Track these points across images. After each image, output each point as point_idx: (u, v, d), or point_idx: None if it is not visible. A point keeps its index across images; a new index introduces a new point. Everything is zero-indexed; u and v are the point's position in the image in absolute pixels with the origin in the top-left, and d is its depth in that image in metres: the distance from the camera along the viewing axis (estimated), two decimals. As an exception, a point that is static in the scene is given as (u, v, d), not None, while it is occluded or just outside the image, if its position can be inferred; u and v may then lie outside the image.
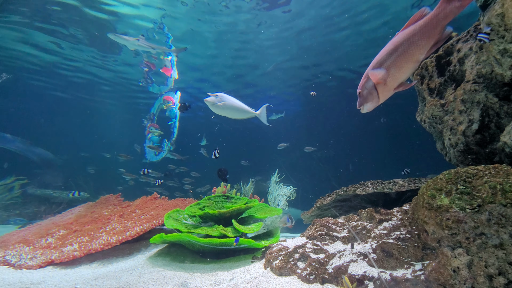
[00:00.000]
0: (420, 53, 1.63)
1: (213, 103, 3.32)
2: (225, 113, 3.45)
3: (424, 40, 1.59)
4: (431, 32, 1.57)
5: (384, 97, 1.80)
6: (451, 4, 1.53)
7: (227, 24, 8.96)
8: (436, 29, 1.57)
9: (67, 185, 11.67)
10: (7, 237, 4.06)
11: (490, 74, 2.11)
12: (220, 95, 3.33)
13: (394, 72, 1.68)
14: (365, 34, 9.78)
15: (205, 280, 2.40)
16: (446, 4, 1.54)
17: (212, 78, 13.55)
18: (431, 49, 1.63)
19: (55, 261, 3.05)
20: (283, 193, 6.53)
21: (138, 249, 3.45)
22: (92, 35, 9.36)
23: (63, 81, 14.14)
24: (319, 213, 3.78)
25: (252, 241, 2.97)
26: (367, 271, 1.99)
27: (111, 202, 4.84)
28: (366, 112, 1.90)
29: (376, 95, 1.78)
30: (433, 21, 1.57)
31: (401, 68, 1.67)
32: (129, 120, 18.20)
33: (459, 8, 1.52)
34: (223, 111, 3.40)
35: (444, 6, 1.54)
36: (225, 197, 3.96)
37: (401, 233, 2.19)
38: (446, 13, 1.55)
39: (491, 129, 2.24)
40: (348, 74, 13.16)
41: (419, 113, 3.20)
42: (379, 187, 2.92)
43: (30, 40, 10.20)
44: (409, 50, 1.63)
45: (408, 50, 1.63)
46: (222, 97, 3.32)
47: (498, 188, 1.61)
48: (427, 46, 1.62)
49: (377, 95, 1.77)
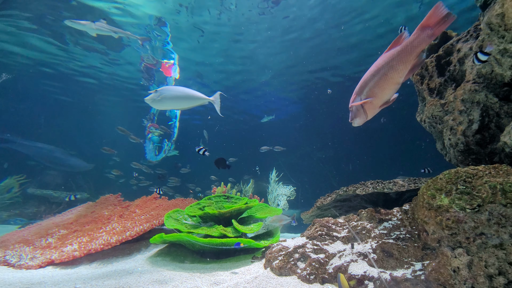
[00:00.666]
0: (399, 76, 1.74)
1: (152, 100, 3.16)
2: (170, 105, 3.27)
3: (401, 65, 1.70)
4: (407, 58, 1.68)
5: (371, 114, 1.93)
6: (424, 32, 1.62)
7: (226, 25, 8.97)
8: (411, 55, 1.67)
9: (67, 185, 11.67)
10: (7, 237, 4.06)
11: (490, 74, 2.11)
12: (160, 90, 3.17)
13: (377, 92, 1.79)
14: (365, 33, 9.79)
15: (205, 280, 2.40)
16: (420, 32, 1.63)
17: (210, 77, 13.57)
18: (409, 73, 1.73)
19: (55, 261, 3.04)
20: (283, 193, 6.53)
21: (138, 249, 3.45)
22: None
23: (64, 81, 14.15)
24: (319, 213, 3.78)
25: (252, 241, 2.97)
26: (367, 271, 1.99)
27: (111, 202, 4.84)
28: (357, 126, 2.03)
29: (363, 112, 1.92)
30: (409, 47, 1.67)
31: (383, 90, 1.80)
32: (129, 120, 18.20)
33: (431, 37, 1.62)
34: (166, 104, 3.22)
35: (418, 34, 1.64)
36: (225, 197, 3.96)
37: (401, 233, 2.19)
38: (420, 41, 1.64)
39: (491, 129, 2.24)
40: (348, 74, 13.16)
41: (419, 113, 3.20)
42: (379, 187, 2.92)
43: (31, 39, 10.20)
44: (389, 74, 1.74)
45: (388, 74, 1.74)
46: (162, 91, 3.16)
47: (498, 188, 1.61)
48: (405, 71, 1.73)
49: (364, 112, 1.91)
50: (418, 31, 1.65)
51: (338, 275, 1.79)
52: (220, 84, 14.38)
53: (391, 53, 1.73)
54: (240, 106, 17.70)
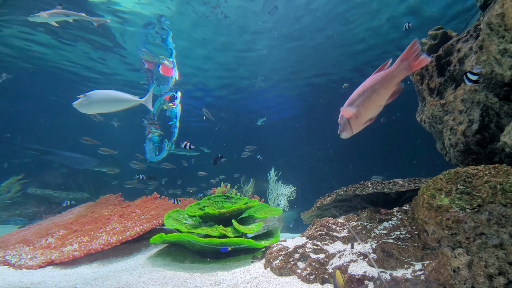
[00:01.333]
0: (381, 99, 1.90)
1: (80, 104, 3.13)
2: (99, 109, 3.24)
3: (383, 91, 1.86)
4: (388, 85, 1.84)
5: (356, 129, 2.09)
6: (402, 64, 1.78)
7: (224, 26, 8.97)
8: (392, 83, 1.83)
9: (67, 185, 11.67)
10: (7, 237, 4.06)
11: (490, 74, 2.11)
12: (88, 94, 3.14)
13: (362, 111, 1.97)
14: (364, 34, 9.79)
15: (205, 280, 2.40)
16: (399, 63, 1.78)
17: (208, 80, 13.60)
18: (390, 98, 1.89)
19: (55, 261, 3.04)
20: (283, 193, 6.52)
21: (138, 249, 3.45)
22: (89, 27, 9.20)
23: (63, 80, 14.14)
24: (319, 213, 3.78)
25: (252, 241, 2.97)
26: (367, 271, 1.99)
27: (111, 202, 4.84)
28: (344, 138, 2.20)
29: (349, 126, 2.08)
30: (389, 76, 1.82)
31: (367, 109, 1.96)
32: (129, 119, 18.20)
33: (408, 70, 1.77)
34: (94, 108, 3.19)
35: (398, 65, 1.79)
36: (225, 197, 3.96)
37: (401, 233, 2.19)
38: (398, 72, 1.80)
39: (491, 129, 2.24)
40: (348, 74, 13.16)
41: (419, 113, 3.20)
42: (379, 187, 2.92)
43: (30, 39, 10.19)
44: (372, 96, 1.90)
45: (371, 96, 1.90)
46: (90, 95, 3.13)
47: (498, 188, 1.61)
48: (386, 96, 1.88)
49: (350, 127, 2.08)
50: (398, 62, 1.80)
51: (334, 272, 1.79)
52: (219, 85, 14.40)
53: (376, 77, 1.89)
54: (240, 106, 17.71)
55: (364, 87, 1.93)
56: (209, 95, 15.77)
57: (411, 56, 1.73)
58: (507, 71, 1.96)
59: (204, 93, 15.45)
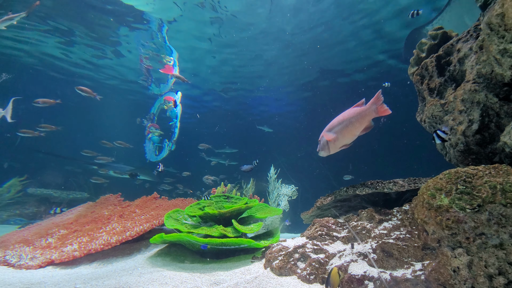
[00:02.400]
0: (356, 130, 2.25)
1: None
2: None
3: (357, 124, 2.23)
4: (361, 120, 2.21)
5: (333, 151, 2.42)
6: (373, 107, 2.15)
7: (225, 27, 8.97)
8: (364, 119, 2.21)
9: (67, 185, 11.67)
10: (7, 237, 4.06)
11: (490, 74, 2.11)
12: None
13: (340, 137, 2.31)
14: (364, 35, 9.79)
15: (205, 280, 2.40)
16: (371, 105, 2.15)
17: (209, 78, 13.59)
18: (363, 131, 2.26)
19: (55, 261, 3.04)
20: (284, 193, 6.51)
21: (138, 249, 3.45)
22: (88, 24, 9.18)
23: (63, 79, 14.14)
24: (319, 213, 3.77)
25: (252, 241, 2.97)
26: (367, 271, 1.99)
27: (111, 202, 4.84)
28: (321, 156, 2.53)
29: (328, 148, 2.42)
30: (363, 113, 2.19)
31: (344, 136, 2.30)
32: (129, 119, 18.22)
33: (377, 113, 2.13)
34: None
35: (370, 107, 2.16)
36: (225, 197, 3.96)
37: (401, 233, 2.19)
38: (369, 112, 2.17)
39: (491, 129, 2.24)
40: (348, 74, 13.15)
41: (419, 113, 3.20)
42: (379, 187, 2.92)
43: (30, 38, 10.19)
44: (348, 127, 2.26)
45: (348, 126, 2.26)
46: None
47: (498, 188, 1.60)
48: (360, 128, 2.24)
49: (328, 148, 2.42)
50: (370, 104, 2.17)
51: (331, 269, 1.79)
52: (220, 84, 14.39)
53: (353, 112, 2.25)
54: (240, 106, 17.70)
55: (343, 117, 2.30)
56: (210, 94, 15.78)
57: (378, 103, 2.12)
58: (507, 71, 1.96)
59: (204, 92, 15.45)
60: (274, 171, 6.92)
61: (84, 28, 9.34)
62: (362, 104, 2.24)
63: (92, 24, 9.08)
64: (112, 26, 9.10)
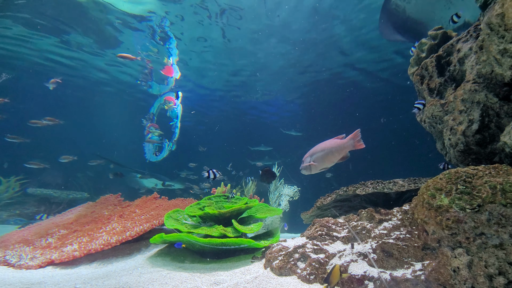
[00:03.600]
0: (335, 158, 2.61)
1: None
2: None
3: (336, 153, 2.59)
4: (340, 151, 2.57)
5: (314, 172, 2.76)
6: (351, 141, 2.49)
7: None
8: (342, 151, 2.56)
9: (67, 185, 11.67)
10: (7, 237, 4.05)
11: (490, 74, 2.11)
12: None
13: (319, 161, 2.67)
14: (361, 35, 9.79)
15: (205, 280, 2.40)
16: (350, 140, 2.50)
17: (210, 79, 13.59)
18: (340, 159, 2.61)
19: (55, 261, 3.04)
20: (285, 193, 6.51)
21: (138, 249, 3.45)
22: (87, 26, 9.20)
23: (63, 79, 14.14)
24: (319, 213, 3.78)
25: (252, 241, 2.97)
26: (367, 271, 1.99)
27: (111, 202, 4.84)
28: (303, 174, 2.86)
29: (309, 169, 2.74)
30: (342, 146, 2.54)
31: (323, 162, 2.66)
32: (129, 119, 18.23)
33: (353, 147, 2.48)
34: None
35: (348, 140, 2.51)
36: (225, 197, 3.96)
37: (401, 233, 2.19)
38: (348, 145, 2.51)
39: (491, 129, 2.24)
40: (348, 74, 13.16)
41: (419, 113, 3.20)
42: (379, 187, 2.92)
43: (30, 38, 10.19)
44: (328, 155, 2.62)
45: (328, 154, 2.62)
46: None
47: (498, 188, 1.60)
48: (338, 157, 2.60)
49: (310, 169, 2.75)
50: (348, 139, 2.51)
51: (333, 265, 1.79)
52: (219, 85, 14.40)
53: (334, 142, 2.60)
54: (240, 107, 17.70)
55: (325, 145, 2.66)
56: (210, 93, 15.79)
57: (356, 139, 2.48)
58: (507, 71, 1.96)
59: (204, 92, 15.45)
60: (277, 170, 6.91)
61: (84, 28, 9.35)
62: (342, 138, 2.63)
63: (92, 24, 9.09)
64: (113, 26, 9.10)
